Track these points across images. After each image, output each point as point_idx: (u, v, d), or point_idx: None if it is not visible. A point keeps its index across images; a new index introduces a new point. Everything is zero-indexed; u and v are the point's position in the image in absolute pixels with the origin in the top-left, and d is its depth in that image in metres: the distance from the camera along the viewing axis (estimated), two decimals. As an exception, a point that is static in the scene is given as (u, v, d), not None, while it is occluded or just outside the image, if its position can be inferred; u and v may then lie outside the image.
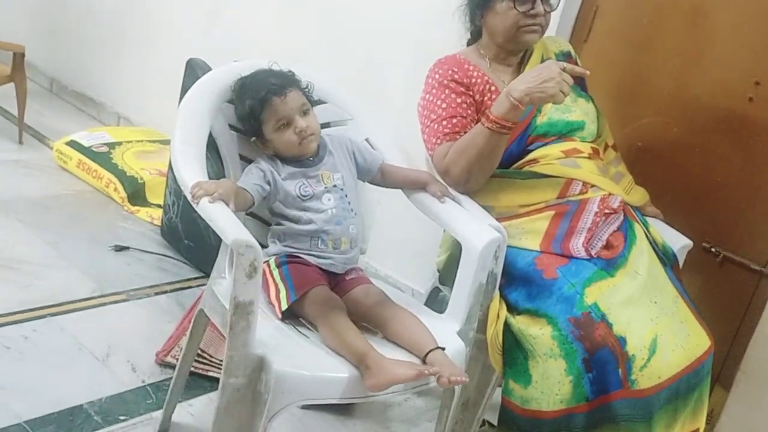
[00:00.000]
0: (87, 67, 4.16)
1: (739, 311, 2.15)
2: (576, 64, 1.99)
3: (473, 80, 1.86)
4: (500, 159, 1.78)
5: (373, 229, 2.77)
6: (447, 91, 1.84)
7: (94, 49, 4.08)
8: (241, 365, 1.41)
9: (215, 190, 1.47)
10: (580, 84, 1.96)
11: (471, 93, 1.85)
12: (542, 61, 1.90)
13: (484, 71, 1.89)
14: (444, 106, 1.83)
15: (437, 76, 1.86)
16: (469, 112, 1.83)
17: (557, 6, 1.87)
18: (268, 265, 1.63)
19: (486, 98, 1.85)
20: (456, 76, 1.85)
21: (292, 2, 3.06)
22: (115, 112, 4.00)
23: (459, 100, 1.83)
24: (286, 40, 3.00)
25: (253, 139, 1.71)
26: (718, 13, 2.12)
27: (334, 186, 1.68)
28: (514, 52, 1.92)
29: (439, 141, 1.81)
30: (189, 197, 1.48)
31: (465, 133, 1.78)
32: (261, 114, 1.65)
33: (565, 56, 1.98)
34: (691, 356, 1.64)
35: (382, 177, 1.82)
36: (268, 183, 1.63)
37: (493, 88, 1.86)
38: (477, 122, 1.76)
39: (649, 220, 1.95)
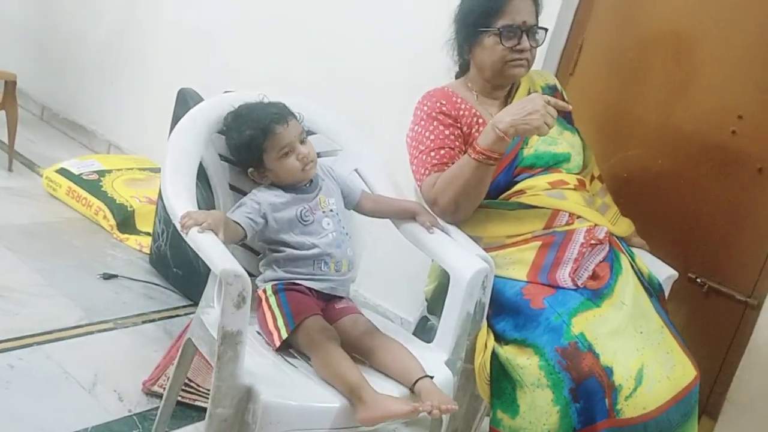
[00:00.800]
0: (78, 94, 4.18)
1: (725, 341, 2.16)
2: (562, 97, 2.03)
3: (461, 112, 1.89)
4: (487, 190, 1.80)
5: (363, 258, 2.79)
6: (435, 123, 1.86)
7: (86, 77, 4.10)
8: (229, 395, 1.41)
9: (205, 220, 1.48)
10: (566, 117, 1.99)
11: (459, 125, 1.87)
12: (529, 94, 1.94)
13: (472, 104, 1.92)
14: (432, 137, 1.85)
15: (425, 108, 1.89)
16: (457, 143, 1.86)
17: (543, 41, 1.90)
18: (264, 292, 1.64)
19: (474, 130, 1.87)
20: (444, 109, 1.87)
21: (283, 34, 3.09)
22: (105, 140, 4.01)
23: (447, 132, 1.86)
24: (277, 72, 3.04)
25: (250, 170, 1.71)
26: (701, 48, 2.16)
27: (331, 210, 1.71)
28: (501, 86, 1.95)
29: (427, 172, 1.83)
30: (178, 227, 1.49)
31: (453, 164, 1.80)
32: (263, 143, 1.66)
33: (552, 90, 2.02)
34: (677, 387, 1.64)
35: (370, 205, 1.84)
36: (263, 217, 1.64)
37: (480, 121, 1.89)
38: (464, 153, 1.78)
39: (635, 250, 1.96)
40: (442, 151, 1.84)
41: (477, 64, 1.92)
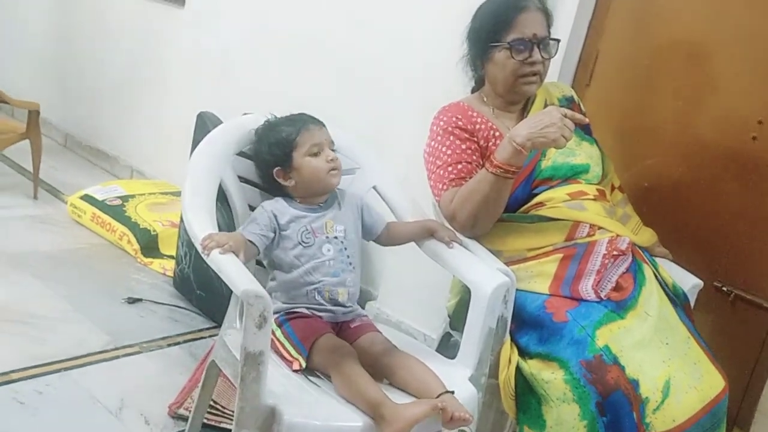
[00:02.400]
0: (100, 122, 4.24)
1: (753, 350, 2.13)
2: (579, 108, 2.02)
3: (477, 126, 1.89)
4: (506, 203, 1.79)
5: (385, 275, 2.80)
6: (452, 138, 1.87)
7: (107, 104, 4.17)
8: (253, 416, 1.41)
9: (226, 242, 1.49)
10: (584, 128, 1.98)
11: (475, 139, 1.87)
12: (545, 106, 1.93)
13: (488, 118, 1.92)
14: (449, 152, 1.86)
15: (442, 123, 1.90)
16: (474, 157, 1.86)
17: (556, 53, 1.90)
18: None
19: (491, 144, 1.87)
20: (460, 123, 1.88)
21: (298, 55, 3.12)
22: (128, 166, 4.06)
23: (464, 147, 1.86)
24: (293, 92, 3.06)
25: (277, 168, 1.72)
26: (718, 54, 2.15)
27: (335, 237, 1.70)
28: (516, 101, 1.95)
29: (445, 187, 1.83)
30: (199, 249, 1.50)
31: (470, 178, 1.80)
32: (297, 137, 1.70)
33: (569, 101, 2.01)
34: (705, 398, 1.62)
35: (389, 235, 1.84)
36: (273, 231, 1.66)
37: (497, 134, 1.89)
38: (482, 167, 1.78)
39: (659, 260, 1.95)
40: (459, 166, 1.84)
41: (490, 80, 1.92)
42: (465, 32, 1.93)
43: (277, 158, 1.72)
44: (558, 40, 1.90)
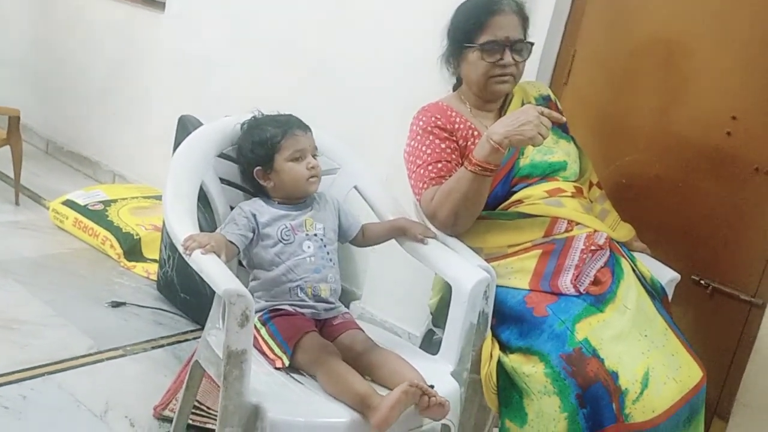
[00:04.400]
0: (81, 127, 4.22)
1: (731, 342, 2.16)
2: (556, 107, 2.05)
3: (456, 126, 1.91)
4: (485, 201, 1.82)
5: (368, 274, 2.81)
6: (431, 137, 1.89)
7: (88, 109, 4.15)
8: (237, 414, 1.42)
9: (208, 243, 1.50)
10: (561, 126, 2.01)
11: (454, 138, 1.90)
12: (522, 105, 1.96)
13: (467, 117, 1.94)
14: (429, 151, 1.87)
15: (421, 123, 1.91)
16: (453, 156, 1.88)
17: (528, 56, 1.91)
18: (254, 326, 1.65)
19: (470, 143, 1.89)
20: (439, 123, 1.90)
21: (279, 58, 3.13)
22: (110, 170, 4.05)
23: (443, 146, 1.88)
24: (274, 95, 3.05)
25: (257, 168, 1.74)
26: (693, 52, 2.18)
27: (315, 234, 1.72)
28: (491, 100, 1.97)
29: (425, 186, 1.85)
30: (181, 249, 1.51)
31: (450, 177, 1.82)
32: (281, 141, 1.71)
33: (545, 100, 2.04)
34: (684, 388, 1.65)
35: (363, 237, 1.86)
36: (252, 231, 1.68)
37: (476, 133, 1.91)
38: (461, 166, 1.80)
39: (637, 255, 1.97)
40: (439, 165, 1.86)
41: (465, 79, 1.95)
42: (444, 30, 1.95)
43: (259, 158, 1.73)
44: (532, 43, 1.91)
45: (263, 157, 1.72)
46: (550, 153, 1.91)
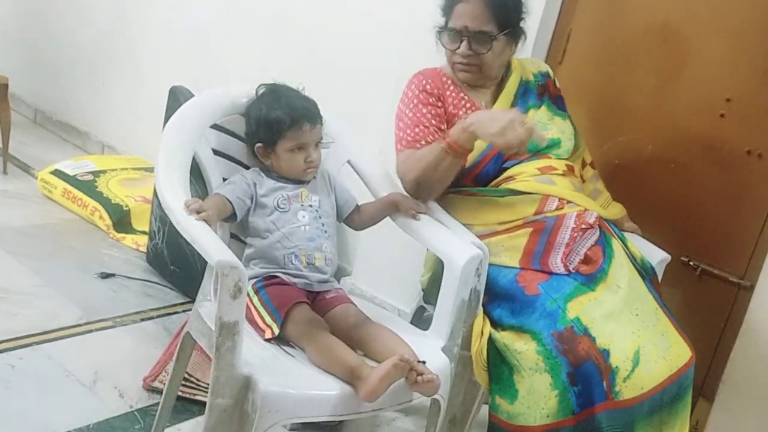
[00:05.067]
0: (71, 96, 4.18)
1: (719, 323, 2.18)
2: (554, 84, 2.05)
3: (448, 93, 1.92)
4: (450, 182, 1.82)
5: (359, 251, 2.80)
6: (416, 101, 1.90)
7: (78, 78, 4.11)
8: (228, 385, 1.42)
9: (206, 210, 1.51)
10: (557, 102, 2.01)
11: (440, 104, 1.90)
12: (520, 83, 1.95)
13: (462, 87, 1.94)
14: (410, 114, 1.89)
15: (412, 86, 1.93)
16: (434, 122, 1.88)
17: (492, 49, 1.85)
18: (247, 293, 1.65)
19: (460, 112, 1.90)
20: (428, 87, 1.91)
21: (272, 30, 3.10)
22: (99, 141, 4.01)
23: (425, 110, 1.88)
24: (267, 67, 3.03)
25: (259, 145, 1.73)
26: (689, 33, 2.18)
27: (310, 206, 1.72)
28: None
29: (401, 147, 1.88)
30: (176, 217, 1.50)
31: (426, 143, 1.83)
32: (286, 130, 1.69)
33: (543, 76, 2.03)
34: (672, 367, 1.66)
35: (360, 216, 1.86)
36: (251, 198, 1.68)
37: (468, 105, 1.91)
38: (441, 132, 1.81)
39: (627, 235, 1.98)
40: (417, 129, 1.86)
41: None
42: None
43: (262, 136, 1.73)
44: (493, 36, 1.84)
45: (266, 138, 1.72)
46: (544, 129, 1.91)
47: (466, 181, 1.89)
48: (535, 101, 1.97)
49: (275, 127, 1.70)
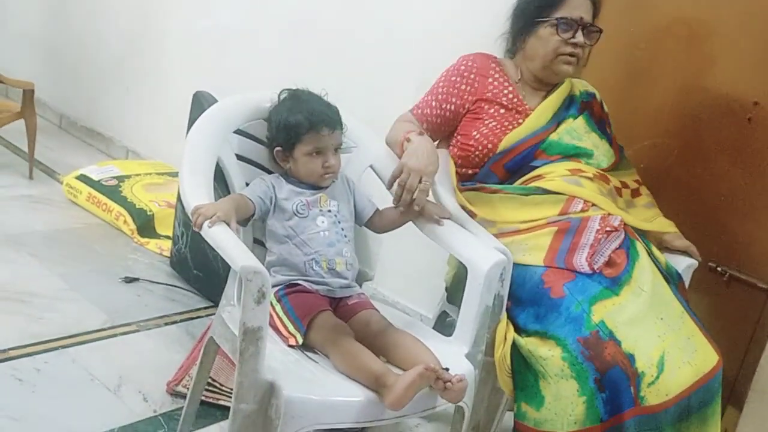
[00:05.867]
0: (95, 102, 4.22)
1: (747, 330, 2.15)
2: (600, 106, 2.07)
3: (490, 79, 1.97)
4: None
5: (380, 255, 2.80)
6: (445, 75, 2.00)
7: (102, 84, 4.15)
8: (252, 391, 1.42)
9: (214, 213, 1.49)
10: (599, 122, 2.02)
11: (465, 87, 1.97)
12: (569, 92, 1.98)
13: (510, 80, 1.98)
14: (434, 84, 2.02)
15: (455, 63, 2.02)
16: (440, 97, 1.98)
17: (596, 42, 1.94)
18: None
19: (502, 97, 1.95)
20: (462, 68, 1.99)
21: (294, 35, 3.11)
22: (123, 146, 4.05)
23: (441, 87, 2.00)
24: (289, 72, 3.02)
25: (278, 149, 1.74)
26: (715, 35, 2.15)
27: (329, 211, 1.73)
28: (545, 82, 1.99)
29: (411, 108, 2.05)
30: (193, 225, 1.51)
31: (422, 113, 2.00)
32: (305, 134, 1.69)
33: (589, 95, 2.05)
34: (699, 372, 1.64)
35: (381, 220, 1.85)
36: (270, 200, 1.69)
37: (511, 96, 1.96)
38: (456, 106, 1.96)
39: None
40: (427, 98, 2.01)
41: (528, 55, 1.96)
42: (511, 8, 1.99)
43: (281, 140, 1.73)
44: (601, 30, 1.93)
45: (285, 142, 1.72)
46: (578, 139, 1.94)
47: (496, 168, 1.91)
48: (575, 113, 1.99)
49: (294, 131, 1.70)
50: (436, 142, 1.99)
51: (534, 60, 1.95)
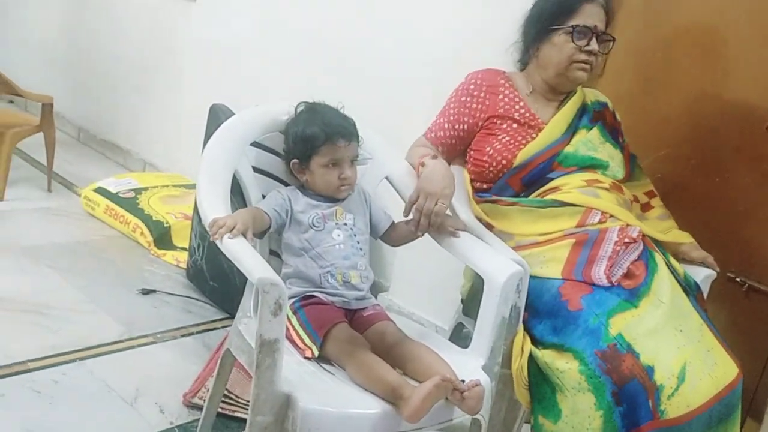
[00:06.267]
0: (113, 115, 4.26)
1: (767, 341, 2.13)
2: (613, 115, 2.07)
3: (500, 96, 1.97)
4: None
5: (396, 266, 2.80)
6: (455, 96, 2.02)
7: (120, 98, 4.19)
8: (268, 403, 1.42)
9: (233, 225, 1.50)
10: (612, 131, 2.02)
11: (476, 106, 1.98)
12: (582, 102, 1.99)
13: (522, 96, 1.98)
14: (445, 106, 2.03)
15: (464, 82, 2.03)
16: (452, 119, 2.00)
17: (609, 51, 1.95)
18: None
19: (513, 112, 1.96)
20: (471, 87, 1.99)
21: (308, 47, 3.13)
22: (141, 159, 4.08)
23: (452, 108, 2.01)
24: (304, 84, 3.07)
25: (294, 161, 1.75)
26: (731, 43, 2.14)
27: (345, 224, 1.73)
28: (558, 90, 1.99)
29: (425, 133, 2.06)
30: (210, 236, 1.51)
31: (436, 137, 2.02)
32: (321, 145, 1.71)
33: (601, 105, 2.05)
34: (719, 385, 1.62)
35: (396, 233, 1.85)
36: (286, 213, 1.70)
37: (523, 111, 1.96)
38: (469, 125, 1.98)
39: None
40: (439, 120, 2.03)
41: (541, 63, 1.96)
42: (524, 17, 1.99)
43: (298, 152, 1.74)
44: (614, 39, 1.95)
45: (301, 154, 1.74)
46: (594, 150, 1.93)
47: (513, 182, 1.91)
48: (588, 123, 1.98)
49: (310, 143, 1.71)
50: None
51: (548, 68, 1.95)
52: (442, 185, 1.78)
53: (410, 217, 1.81)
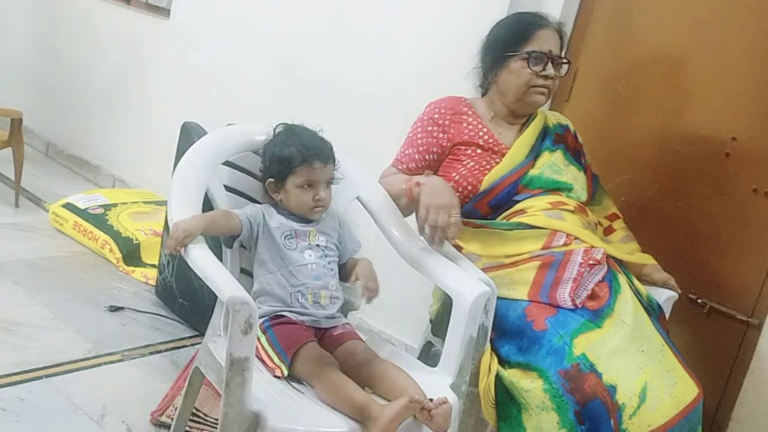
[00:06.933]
0: (83, 131, 4.24)
1: (727, 361, 2.18)
2: (574, 137, 2.10)
3: (465, 123, 1.99)
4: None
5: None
6: (419, 126, 2.03)
7: (90, 113, 4.17)
8: (237, 422, 1.43)
9: (182, 234, 1.55)
10: (575, 154, 2.06)
11: (442, 135, 1.99)
12: (543, 126, 2.02)
13: (485, 121, 2.01)
14: (410, 135, 2.04)
15: (427, 110, 2.05)
16: (421, 149, 2.00)
17: (565, 74, 2.00)
18: None
19: (478, 139, 1.98)
20: (435, 115, 2.01)
21: (281, 66, 3.15)
22: (110, 175, 4.06)
23: (420, 137, 2.01)
24: (276, 103, 3.09)
25: (270, 180, 1.77)
26: (694, 72, 2.21)
27: (317, 245, 1.75)
28: (518, 114, 2.03)
29: (393, 162, 2.06)
30: (186, 255, 1.52)
31: (407, 168, 2.00)
32: (297, 166, 1.73)
33: (563, 128, 2.09)
34: (679, 404, 1.65)
35: (345, 268, 1.85)
36: (258, 226, 1.71)
37: (486, 137, 1.98)
38: (438, 155, 1.98)
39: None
40: (407, 150, 2.02)
41: (500, 89, 2.00)
42: (479, 46, 2.03)
43: (274, 172, 1.76)
44: (569, 62, 2.01)
45: (278, 173, 1.76)
46: (558, 173, 1.97)
47: (479, 206, 1.94)
48: (551, 146, 2.02)
49: (287, 163, 1.73)
50: None
51: (507, 94, 1.99)
52: (448, 196, 1.80)
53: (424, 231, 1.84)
